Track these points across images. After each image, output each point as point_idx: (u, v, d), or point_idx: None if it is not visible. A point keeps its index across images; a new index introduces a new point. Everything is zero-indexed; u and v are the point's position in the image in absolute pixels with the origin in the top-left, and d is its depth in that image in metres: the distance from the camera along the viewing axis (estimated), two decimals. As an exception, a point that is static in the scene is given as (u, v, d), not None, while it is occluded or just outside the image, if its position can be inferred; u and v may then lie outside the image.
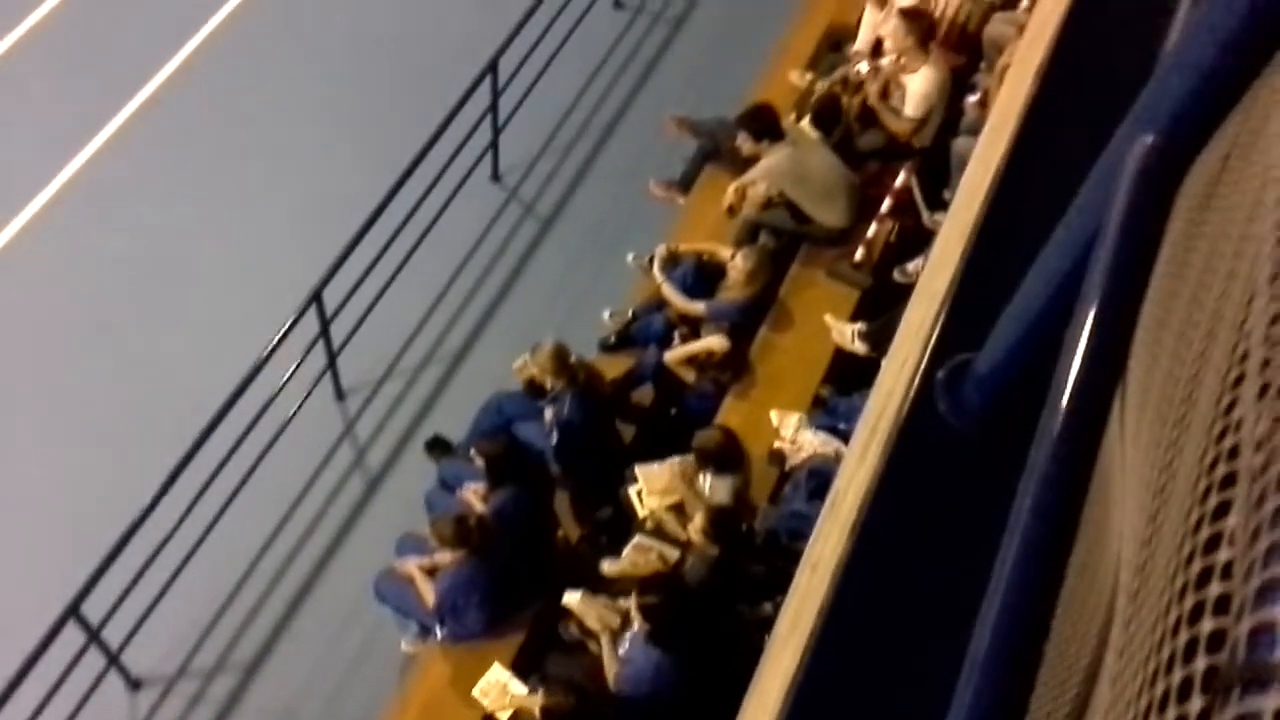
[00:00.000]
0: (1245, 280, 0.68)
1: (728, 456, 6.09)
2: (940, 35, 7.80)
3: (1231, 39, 1.05)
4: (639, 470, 6.18)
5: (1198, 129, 1.12)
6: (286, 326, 6.31)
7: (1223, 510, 0.61)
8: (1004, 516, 1.26)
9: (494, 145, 7.89)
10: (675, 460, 6.16)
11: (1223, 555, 0.58)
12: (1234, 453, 0.63)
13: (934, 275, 1.98)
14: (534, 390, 6.59)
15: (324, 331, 6.69)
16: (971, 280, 1.72)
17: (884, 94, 7.43)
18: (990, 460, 1.50)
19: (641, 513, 6.12)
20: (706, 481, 6.05)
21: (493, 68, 7.23)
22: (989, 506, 1.33)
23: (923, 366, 1.65)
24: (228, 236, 7.75)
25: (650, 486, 6.11)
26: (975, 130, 6.56)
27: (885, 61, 7.42)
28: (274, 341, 6.26)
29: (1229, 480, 0.62)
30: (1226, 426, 0.68)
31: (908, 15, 7.17)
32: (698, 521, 5.77)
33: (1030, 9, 6.95)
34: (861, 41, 7.97)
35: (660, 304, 7.17)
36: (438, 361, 7.41)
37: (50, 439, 6.85)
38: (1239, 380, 0.69)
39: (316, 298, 6.38)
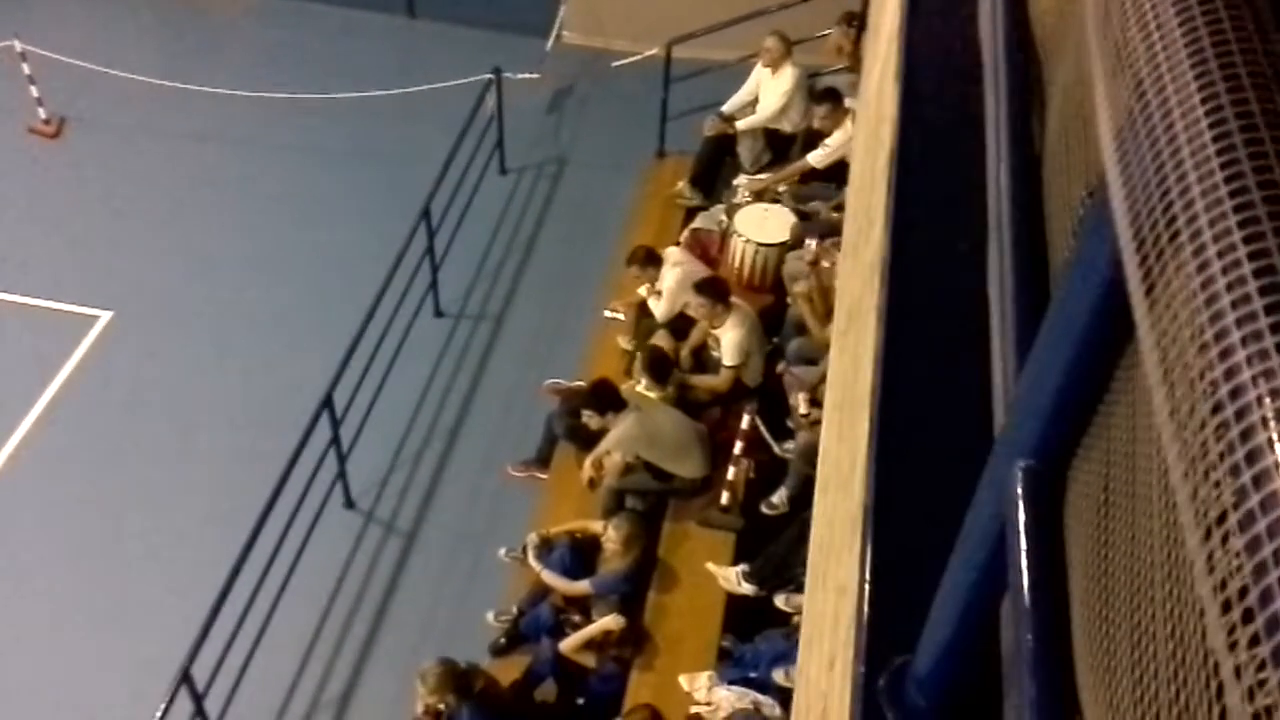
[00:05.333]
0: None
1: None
2: (744, 282, 8.44)
3: (1082, 347, 1.16)
4: None
5: (1069, 441, 1.24)
6: (160, 715, 5.85)
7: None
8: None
9: (342, 474, 7.79)
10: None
11: None
12: None
13: (838, 565, 2.02)
14: (434, 720, 6.25)
15: (199, 710, 6.23)
16: (880, 571, 1.78)
17: (703, 347, 7.89)
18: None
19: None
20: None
21: (328, 401, 7.24)
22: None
23: (858, 668, 1.67)
24: (87, 619, 7.26)
25: None
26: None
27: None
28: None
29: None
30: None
31: (702, 289, 7.68)
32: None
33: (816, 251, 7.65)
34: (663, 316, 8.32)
35: (544, 593, 7.04)
36: (323, 709, 6.96)
37: None
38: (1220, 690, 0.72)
39: (185, 678, 5.98)
